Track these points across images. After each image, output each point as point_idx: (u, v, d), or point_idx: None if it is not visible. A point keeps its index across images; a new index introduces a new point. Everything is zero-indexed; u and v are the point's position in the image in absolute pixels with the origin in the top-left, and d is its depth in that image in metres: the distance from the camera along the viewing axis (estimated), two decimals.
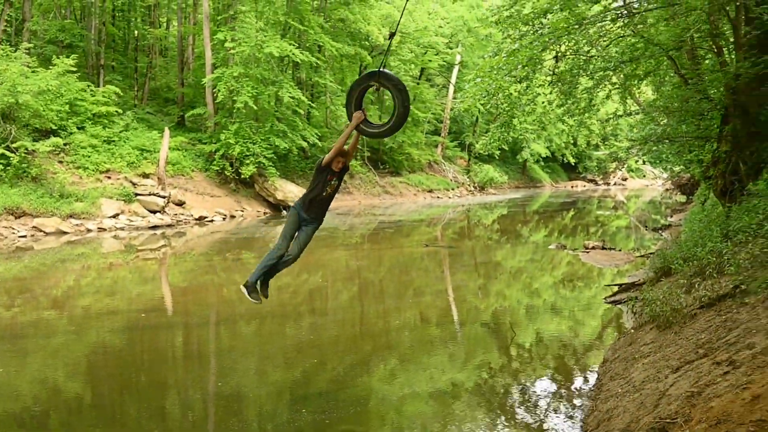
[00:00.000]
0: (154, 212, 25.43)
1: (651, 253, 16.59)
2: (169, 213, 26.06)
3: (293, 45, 31.70)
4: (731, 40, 12.71)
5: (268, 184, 30.90)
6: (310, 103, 35.06)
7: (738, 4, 11.45)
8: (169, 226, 24.98)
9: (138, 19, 39.21)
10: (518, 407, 7.32)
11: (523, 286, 15.05)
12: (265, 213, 30.53)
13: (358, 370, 8.78)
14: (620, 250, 18.31)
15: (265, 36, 30.20)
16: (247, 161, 29.82)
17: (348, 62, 40.15)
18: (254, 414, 7.22)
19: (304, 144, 33.15)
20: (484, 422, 6.89)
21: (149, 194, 25.81)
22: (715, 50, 13.96)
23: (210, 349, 10.11)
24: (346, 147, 6.39)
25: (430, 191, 44.00)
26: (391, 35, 6.77)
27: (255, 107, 30.26)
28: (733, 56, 12.80)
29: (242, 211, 29.79)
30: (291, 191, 31.24)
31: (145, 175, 27.14)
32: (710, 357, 5.49)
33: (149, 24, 40.12)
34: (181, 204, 27.07)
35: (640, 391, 5.75)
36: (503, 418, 7.00)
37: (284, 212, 30.37)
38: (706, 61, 16.06)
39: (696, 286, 8.06)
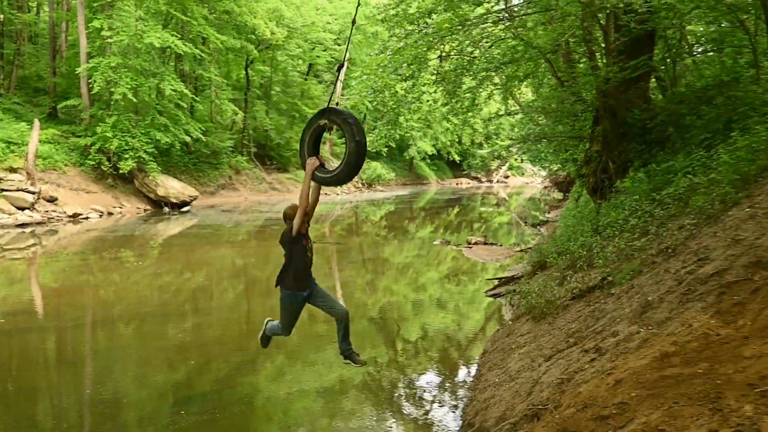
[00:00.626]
0: (22, 209, 23.80)
1: (529, 248, 17.31)
2: (39, 210, 24.49)
3: (176, 36, 30.67)
4: (603, 45, 13.44)
5: (149, 179, 29.74)
6: (193, 96, 34.07)
7: (608, 12, 12.12)
8: (39, 223, 23.51)
9: (3, 2, 36.61)
10: (404, 401, 7.44)
11: (410, 281, 15.31)
12: (145, 210, 29.37)
13: (244, 370, 8.63)
14: (501, 245, 19.00)
15: (145, 25, 29.04)
16: (126, 156, 28.57)
17: (234, 56, 39.33)
18: (133, 418, 6.94)
19: (188, 138, 32.18)
20: (371, 417, 6.96)
21: (17, 190, 24.13)
22: (588, 55, 14.73)
23: (85, 352, 9.61)
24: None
25: None
26: (339, 66, 6.26)
27: (135, 99, 29.03)
28: (604, 61, 13.54)
29: (121, 207, 28.51)
30: (173, 187, 30.21)
31: (12, 170, 25.29)
32: (579, 345, 5.80)
33: (17, 8, 37.53)
34: (53, 200, 25.50)
35: (515, 380, 5.99)
36: (390, 412, 7.10)
37: (166, 208, 29.33)
38: (581, 65, 16.89)
39: (568, 278, 8.49)
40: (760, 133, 7.49)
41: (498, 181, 68.23)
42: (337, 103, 5.65)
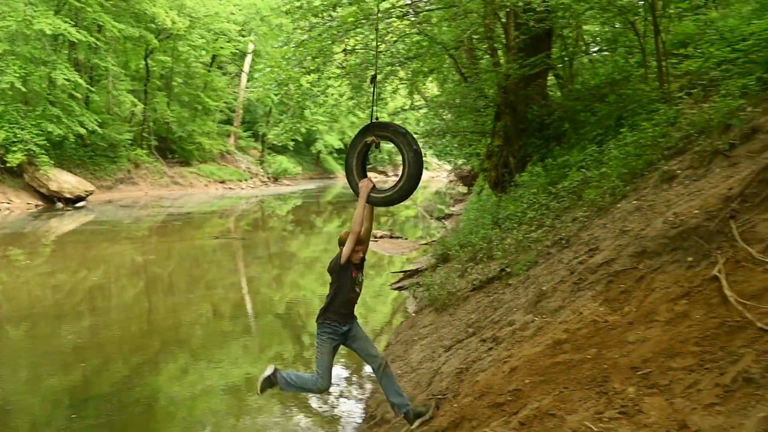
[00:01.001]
0: None
1: (434, 241, 17.60)
2: None
3: (69, 23, 29.19)
4: (504, 42, 13.80)
5: (40, 173, 28.20)
6: (88, 86, 32.58)
7: (509, 10, 12.46)
8: None
9: None
10: (311, 396, 7.41)
11: (317, 276, 15.24)
12: (36, 206, 27.87)
13: (145, 370, 8.35)
14: (407, 239, 19.23)
15: (34, 10, 27.51)
16: (15, 148, 27.01)
17: (133, 45, 37.83)
18: (24, 424, 6.57)
19: (83, 131, 30.74)
20: (278, 414, 6.89)
21: None
22: (490, 52, 15.09)
23: None
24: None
25: (223, 182, 42.94)
26: (373, 78, 5.64)
27: (24, 89, 27.49)
28: (505, 58, 13.91)
29: (9, 203, 26.92)
30: (67, 181, 28.80)
31: None
32: (478, 335, 5.95)
33: None
34: None
35: (416, 371, 6.08)
36: (297, 408, 7.05)
37: (59, 204, 27.92)
38: (483, 61, 17.28)
39: (469, 270, 8.69)
40: (646, 130, 7.89)
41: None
42: (376, 117, 5.30)
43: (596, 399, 3.84)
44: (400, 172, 5.17)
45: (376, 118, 5.23)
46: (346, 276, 5.02)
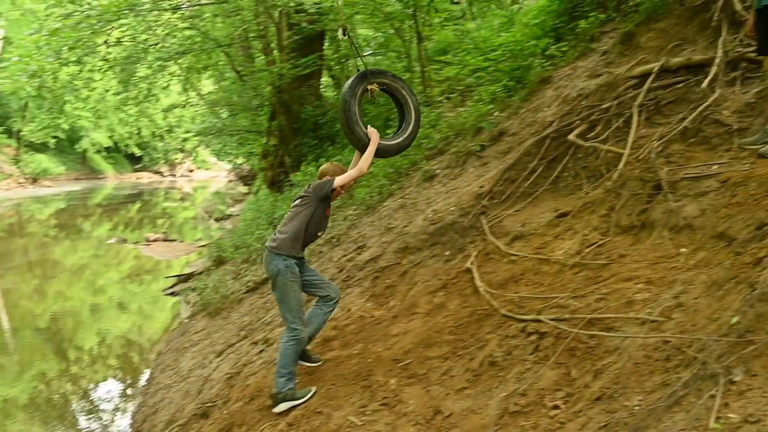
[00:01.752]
0: None
1: (211, 243, 17.12)
2: None
3: None
4: (277, 42, 13.78)
5: None
6: None
7: (281, 10, 12.45)
8: None
9: None
10: (78, 414, 6.81)
11: (87, 284, 14.10)
12: None
13: None
14: (182, 241, 18.48)
15: None
16: None
17: None
18: None
19: None
20: None
21: None
22: (264, 50, 14.99)
23: None
24: None
25: None
26: (344, 30, 4.97)
27: None
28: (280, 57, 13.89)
29: None
30: None
31: None
32: (250, 338, 5.85)
33: None
34: None
35: (186, 380, 5.84)
36: (62, 428, 6.44)
37: None
38: (259, 60, 17.12)
39: (243, 272, 8.55)
40: None
41: (182, 175, 66.40)
42: (357, 69, 4.87)
43: (361, 393, 3.95)
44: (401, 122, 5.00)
45: (357, 70, 4.89)
46: (324, 206, 4.53)
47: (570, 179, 5.41)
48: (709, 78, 5.03)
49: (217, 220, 24.99)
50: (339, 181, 4.45)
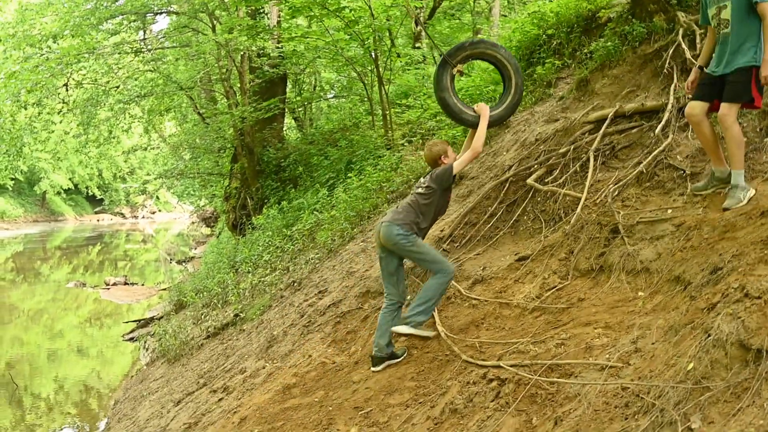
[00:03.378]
0: None
1: (173, 287, 16.84)
2: None
3: None
4: (240, 85, 13.84)
5: None
6: None
7: (243, 54, 12.53)
8: None
9: None
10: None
11: (44, 329, 13.70)
12: None
13: None
14: (143, 285, 18.15)
15: None
16: None
17: None
18: None
19: None
20: None
21: None
22: (226, 93, 15.02)
23: None
24: None
25: None
26: (417, 22, 4.96)
27: None
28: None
29: None
30: None
31: None
32: (209, 386, 5.72)
33: None
34: None
35: (143, 430, 5.66)
36: None
37: None
38: (222, 103, 17.15)
39: (204, 317, 8.40)
40: (372, 175, 8.35)
41: (144, 217, 65.48)
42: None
43: None
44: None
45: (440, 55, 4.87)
46: (447, 193, 4.60)
47: (529, 222, 5.46)
48: (662, 124, 5.17)
49: (179, 262, 24.63)
50: (458, 166, 4.51)
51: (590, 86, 6.44)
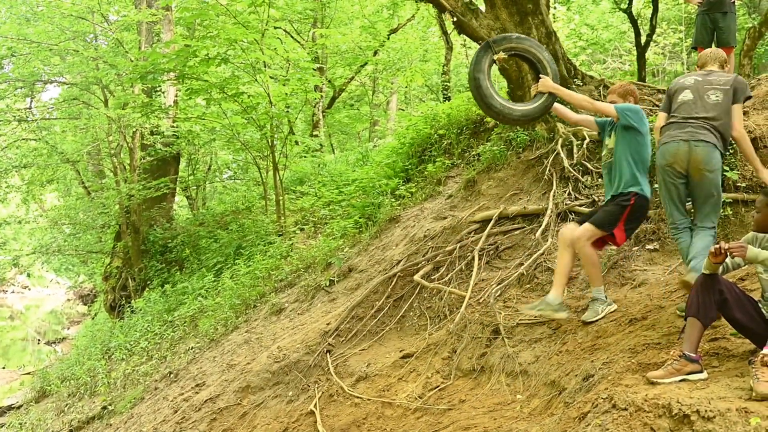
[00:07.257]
0: None
1: (37, 372, 15.57)
2: None
3: None
4: (130, 162, 13.43)
5: None
6: None
7: (135, 130, 12.23)
8: None
9: None
10: None
11: None
12: None
13: None
14: (4, 368, 16.68)
15: None
16: None
17: None
18: None
19: None
20: None
21: None
22: (114, 169, 14.54)
23: None
24: None
25: None
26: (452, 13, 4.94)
27: None
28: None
29: None
30: None
31: None
32: None
33: None
34: None
35: None
36: None
37: None
38: (110, 178, 16.58)
39: (68, 408, 7.74)
40: (261, 262, 8.19)
41: (14, 292, 61.07)
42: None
43: None
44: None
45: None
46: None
47: (415, 318, 5.47)
48: (542, 228, 5.40)
49: (48, 343, 22.95)
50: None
51: (477, 187, 6.68)
